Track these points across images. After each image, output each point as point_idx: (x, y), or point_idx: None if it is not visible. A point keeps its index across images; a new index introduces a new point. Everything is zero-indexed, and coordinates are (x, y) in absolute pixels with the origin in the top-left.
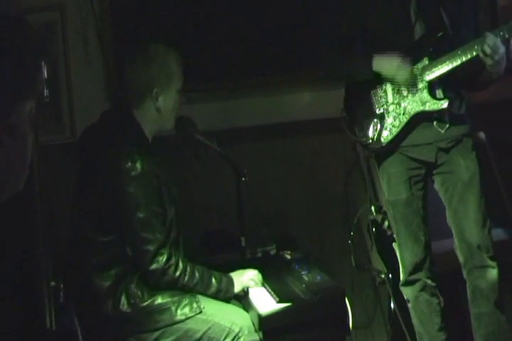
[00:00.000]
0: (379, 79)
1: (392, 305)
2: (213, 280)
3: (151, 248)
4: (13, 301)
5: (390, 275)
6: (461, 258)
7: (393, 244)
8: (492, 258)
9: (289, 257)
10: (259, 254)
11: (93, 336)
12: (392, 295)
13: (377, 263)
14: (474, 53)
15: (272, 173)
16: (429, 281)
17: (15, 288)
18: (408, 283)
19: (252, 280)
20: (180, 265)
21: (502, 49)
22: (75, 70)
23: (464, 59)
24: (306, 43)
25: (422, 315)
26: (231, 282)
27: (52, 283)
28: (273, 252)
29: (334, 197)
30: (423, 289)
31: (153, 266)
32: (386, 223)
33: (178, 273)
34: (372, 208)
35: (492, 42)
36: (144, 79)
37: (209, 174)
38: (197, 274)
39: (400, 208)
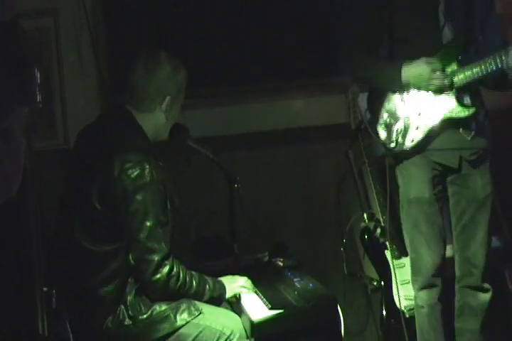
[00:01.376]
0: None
1: (384, 313)
2: (207, 287)
3: (156, 258)
4: (6, 305)
5: (382, 283)
6: (457, 273)
7: (385, 251)
8: (487, 281)
9: (281, 264)
10: (252, 261)
11: None
12: (385, 302)
13: (370, 271)
14: (500, 65)
15: (265, 180)
16: (443, 286)
17: (8, 292)
18: (427, 287)
19: (243, 287)
20: (181, 275)
21: None
22: (68, 76)
23: (491, 69)
24: (299, 50)
25: (436, 325)
26: (223, 289)
27: (45, 289)
28: (266, 259)
29: (326, 204)
30: (440, 297)
31: (156, 277)
32: (378, 230)
33: (178, 284)
34: (365, 216)
35: None
36: (158, 86)
37: (201, 181)
38: (194, 284)
39: (423, 207)
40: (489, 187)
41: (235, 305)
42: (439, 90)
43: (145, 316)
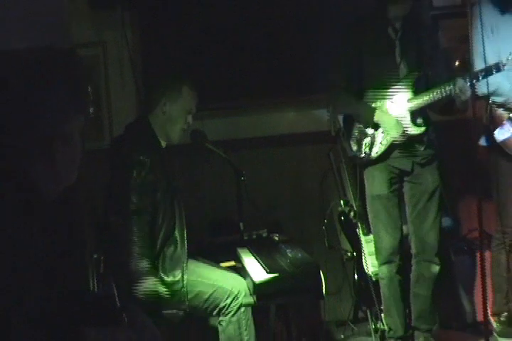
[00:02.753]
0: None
1: (356, 276)
2: None
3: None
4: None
5: (355, 254)
6: (413, 250)
7: (357, 229)
8: (438, 255)
9: (277, 239)
10: (254, 236)
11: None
12: (356, 269)
13: (345, 244)
14: (448, 92)
15: (265, 174)
16: (401, 263)
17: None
18: (387, 262)
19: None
20: None
21: (469, 91)
22: (113, 92)
23: (440, 96)
24: (292, 73)
25: (395, 293)
26: None
27: (95, 256)
28: (264, 235)
29: (312, 193)
30: (398, 271)
31: None
32: (352, 213)
33: None
34: (341, 202)
35: (461, 86)
36: (157, 91)
37: (215, 174)
38: None
39: (383, 201)
40: (437, 182)
41: (240, 270)
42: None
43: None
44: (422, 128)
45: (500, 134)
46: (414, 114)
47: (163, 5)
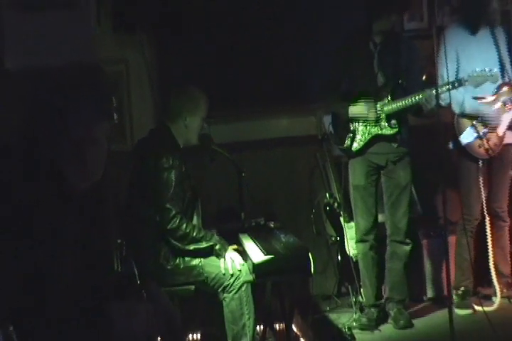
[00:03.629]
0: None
1: (339, 258)
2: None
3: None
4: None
5: (338, 238)
6: (388, 232)
7: (340, 218)
8: (408, 238)
9: (272, 226)
10: (253, 224)
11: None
12: (340, 251)
13: (330, 230)
14: (417, 101)
15: (262, 172)
16: (374, 243)
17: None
18: (361, 241)
19: (232, 258)
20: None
21: (434, 101)
22: (134, 102)
23: (410, 103)
24: (287, 88)
25: (368, 267)
26: (226, 246)
27: (118, 241)
28: (262, 223)
29: (302, 187)
30: (371, 248)
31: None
32: (335, 204)
33: (190, 232)
34: (327, 195)
35: (428, 96)
36: (179, 106)
37: (220, 171)
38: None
39: (360, 190)
40: (409, 177)
41: (241, 252)
42: (375, 115)
43: (176, 263)
44: (395, 129)
45: (464, 139)
46: (389, 117)
47: (175, 28)
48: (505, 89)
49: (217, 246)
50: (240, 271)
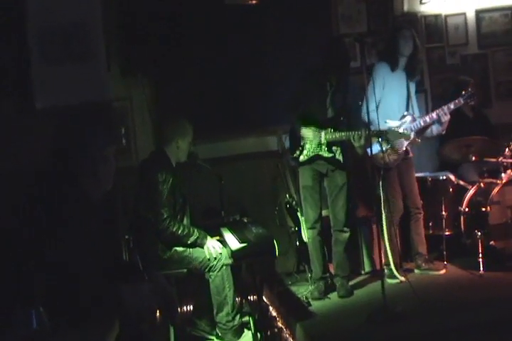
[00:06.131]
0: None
1: (297, 243)
2: (196, 235)
3: (164, 215)
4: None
5: (296, 228)
6: (332, 223)
7: (297, 213)
8: (347, 227)
9: (245, 221)
10: (231, 219)
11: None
12: (297, 238)
13: (290, 222)
14: (349, 136)
15: (236, 179)
16: (321, 229)
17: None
18: (311, 228)
19: (213, 246)
20: (180, 227)
21: (363, 141)
22: (137, 129)
23: (345, 136)
24: (254, 114)
25: (315, 248)
26: (206, 239)
27: (126, 236)
28: (237, 218)
29: (268, 189)
30: (318, 234)
31: (163, 226)
32: (294, 202)
33: (179, 232)
34: (287, 195)
35: (358, 135)
36: (172, 132)
37: (204, 180)
38: (190, 231)
39: (308, 189)
40: (345, 180)
41: (222, 242)
42: (319, 140)
43: (171, 253)
44: (331, 154)
45: (371, 150)
46: (329, 143)
47: (168, 73)
48: (407, 118)
49: (199, 240)
50: (221, 253)
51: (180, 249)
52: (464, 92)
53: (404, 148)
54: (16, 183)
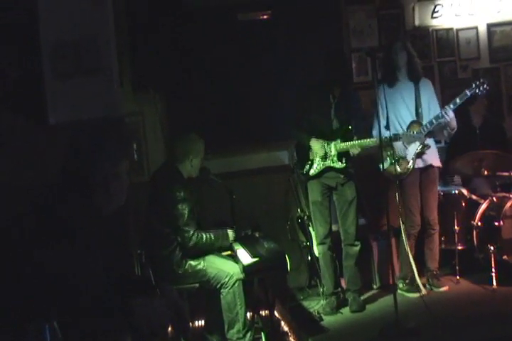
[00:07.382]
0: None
1: (309, 258)
2: (220, 238)
3: (190, 231)
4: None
5: (308, 243)
6: (342, 237)
7: (309, 227)
8: (357, 240)
9: (257, 235)
10: (243, 234)
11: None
12: (309, 253)
13: (301, 237)
14: (363, 144)
15: (248, 193)
16: (331, 245)
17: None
18: (321, 243)
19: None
20: (204, 237)
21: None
22: (149, 144)
23: (356, 144)
24: (266, 130)
25: (326, 263)
26: (228, 237)
27: (138, 251)
28: (249, 233)
29: (279, 203)
30: (328, 249)
31: (191, 243)
32: (305, 217)
33: (204, 241)
34: (298, 210)
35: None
36: (185, 150)
37: (216, 195)
38: (213, 237)
39: (317, 205)
40: (354, 194)
41: (234, 256)
42: (329, 152)
43: (185, 268)
44: (343, 165)
45: (383, 165)
46: (340, 154)
47: (179, 89)
48: (413, 126)
49: (224, 241)
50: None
51: (193, 262)
52: (473, 85)
53: (411, 156)
54: (28, 198)
